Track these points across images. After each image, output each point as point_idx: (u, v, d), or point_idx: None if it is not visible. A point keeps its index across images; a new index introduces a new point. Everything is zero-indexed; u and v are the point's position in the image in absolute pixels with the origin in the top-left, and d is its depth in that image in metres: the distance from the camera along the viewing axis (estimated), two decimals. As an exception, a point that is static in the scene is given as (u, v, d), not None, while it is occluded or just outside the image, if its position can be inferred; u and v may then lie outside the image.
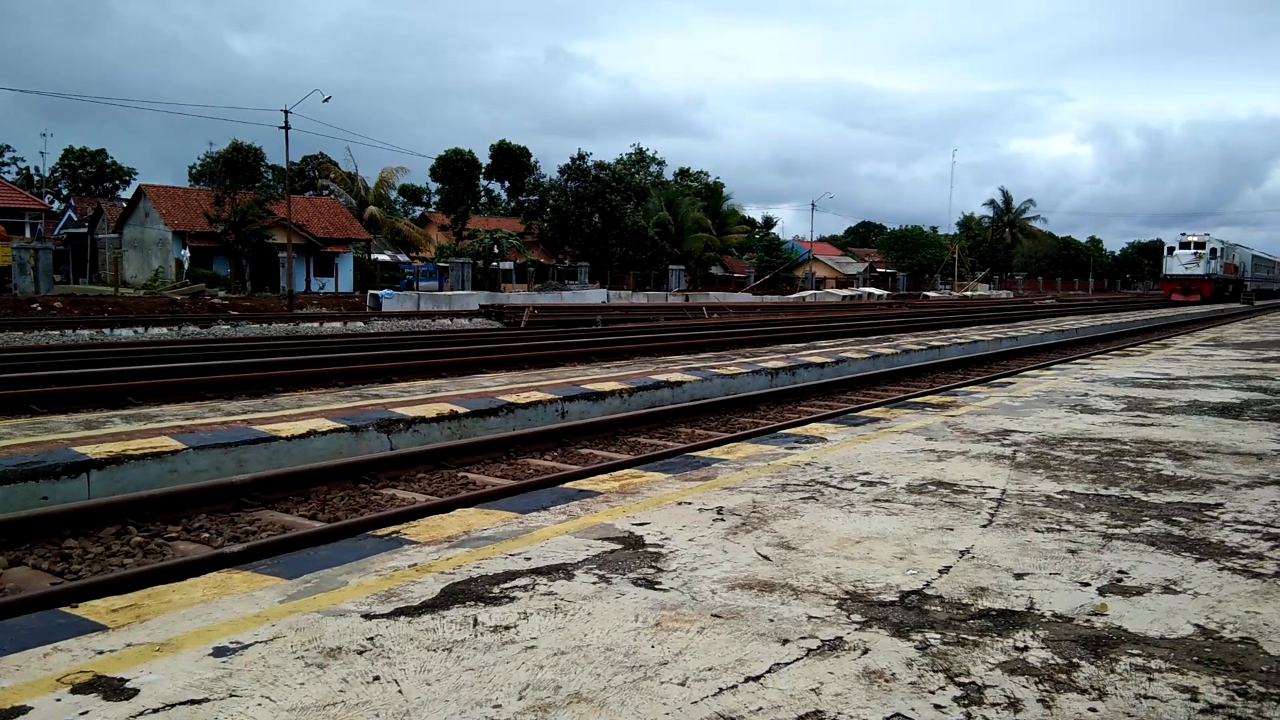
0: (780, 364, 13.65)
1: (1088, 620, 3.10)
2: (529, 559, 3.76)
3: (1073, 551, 3.89)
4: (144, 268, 49.72)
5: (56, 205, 67.47)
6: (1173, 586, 3.46)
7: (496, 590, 3.36)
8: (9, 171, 72.16)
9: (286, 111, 36.56)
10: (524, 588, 3.39)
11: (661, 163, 75.61)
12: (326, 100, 36.72)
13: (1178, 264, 57.29)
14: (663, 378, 11.59)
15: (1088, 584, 3.47)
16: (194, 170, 64.45)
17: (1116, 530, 4.24)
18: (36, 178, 74.27)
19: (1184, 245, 57.54)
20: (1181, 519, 4.46)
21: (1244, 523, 4.40)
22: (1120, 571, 3.63)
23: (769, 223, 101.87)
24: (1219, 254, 58.54)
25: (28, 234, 48.18)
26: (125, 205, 55.20)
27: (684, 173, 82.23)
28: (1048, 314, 39.56)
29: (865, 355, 15.60)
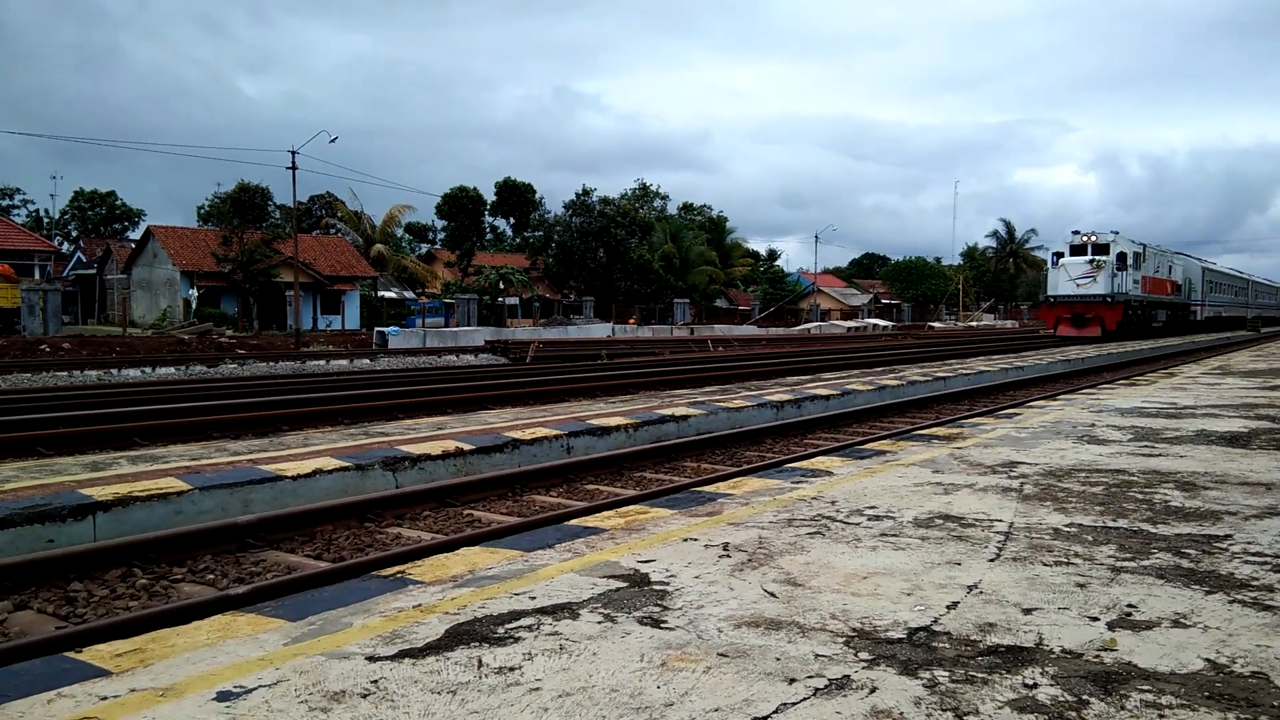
0: (786, 397, 13.64)
1: (1097, 656, 3.07)
2: (534, 598, 3.74)
3: (1081, 585, 3.86)
4: (152, 308, 50.02)
5: (66, 247, 68.06)
6: (1182, 620, 3.43)
7: (501, 630, 3.34)
8: (19, 214, 72.92)
9: (294, 152, 36.99)
10: (529, 628, 3.37)
11: (665, 197, 76.15)
12: (333, 140, 37.29)
13: (1064, 278, 38.31)
14: (668, 412, 11.58)
15: (1097, 619, 3.45)
16: (202, 210, 65.20)
17: (1125, 563, 4.21)
18: (46, 220, 74.98)
19: (1076, 249, 38.26)
20: (1190, 551, 4.43)
21: (1254, 554, 4.37)
22: (1129, 605, 3.60)
23: (773, 255, 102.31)
24: (1136, 262, 38.84)
25: (37, 276, 48.56)
26: (134, 246, 55.67)
27: (688, 207, 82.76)
28: (1052, 343, 39.53)
29: (871, 387, 15.58)
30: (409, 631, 3.35)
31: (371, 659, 3.08)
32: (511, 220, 64.40)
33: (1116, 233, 38.42)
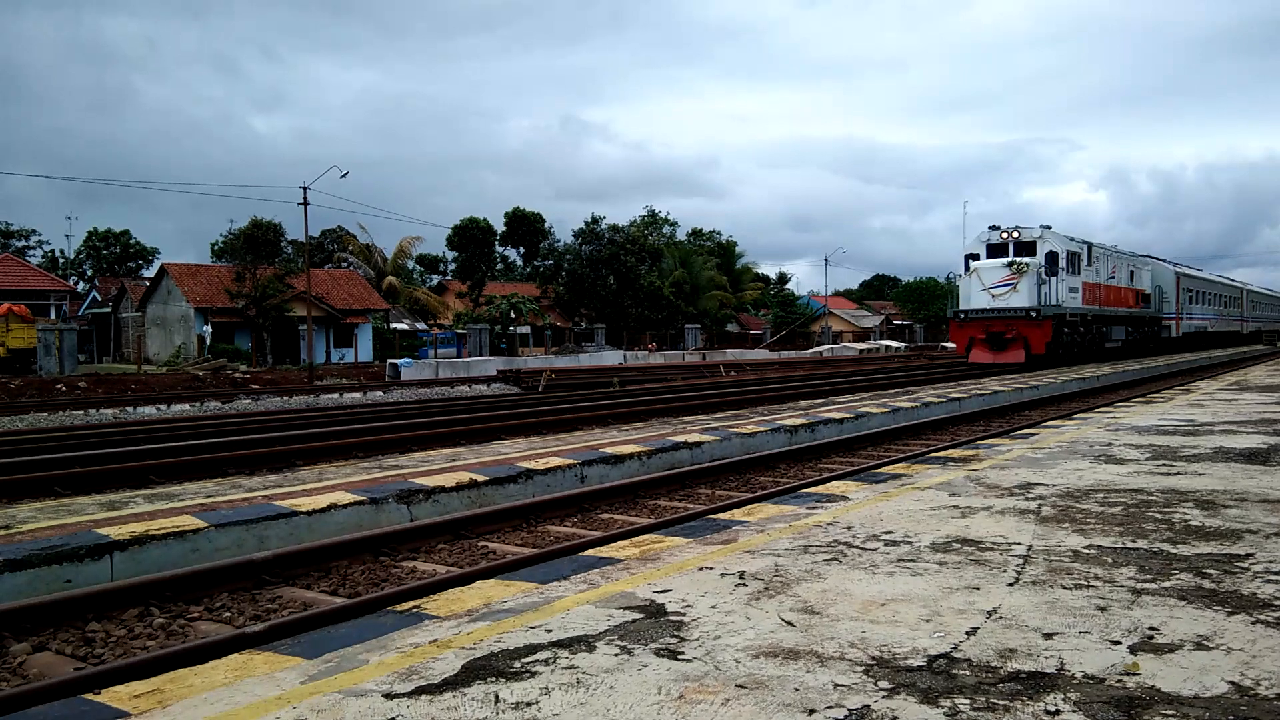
0: (799, 421, 13.60)
1: (1119, 680, 3.04)
2: (550, 631, 3.73)
3: (1102, 608, 3.83)
4: (167, 345, 50.35)
5: (81, 286, 68.69)
6: (1205, 643, 3.39)
7: (518, 665, 3.33)
8: (35, 255, 73.72)
9: (305, 188, 37.31)
10: (545, 661, 3.36)
11: (674, 223, 76.46)
12: (344, 175, 37.55)
13: (978, 287, 30.01)
14: (681, 439, 11.56)
15: (1118, 642, 3.41)
16: (215, 247, 65.74)
17: (1146, 585, 4.17)
18: (62, 260, 75.79)
19: (994, 249, 30.10)
20: (1212, 571, 4.39)
21: (1275, 573, 4.32)
22: (1151, 628, 3.56)
23: (783, 279, 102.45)
24: (1073, 265, 30.56)
25: (53, 315, 49.03)
26: (148, 284, 56.13)
27: (697, 232, 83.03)
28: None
29: (885, 409, 15.52)
30: (425, 668, 3.34)
31: (389, 696, 3.07)
32: (521, 250, 64.72)
33: (1048, 227, 29.98)
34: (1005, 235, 29.91)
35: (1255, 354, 43.51)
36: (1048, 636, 3.49)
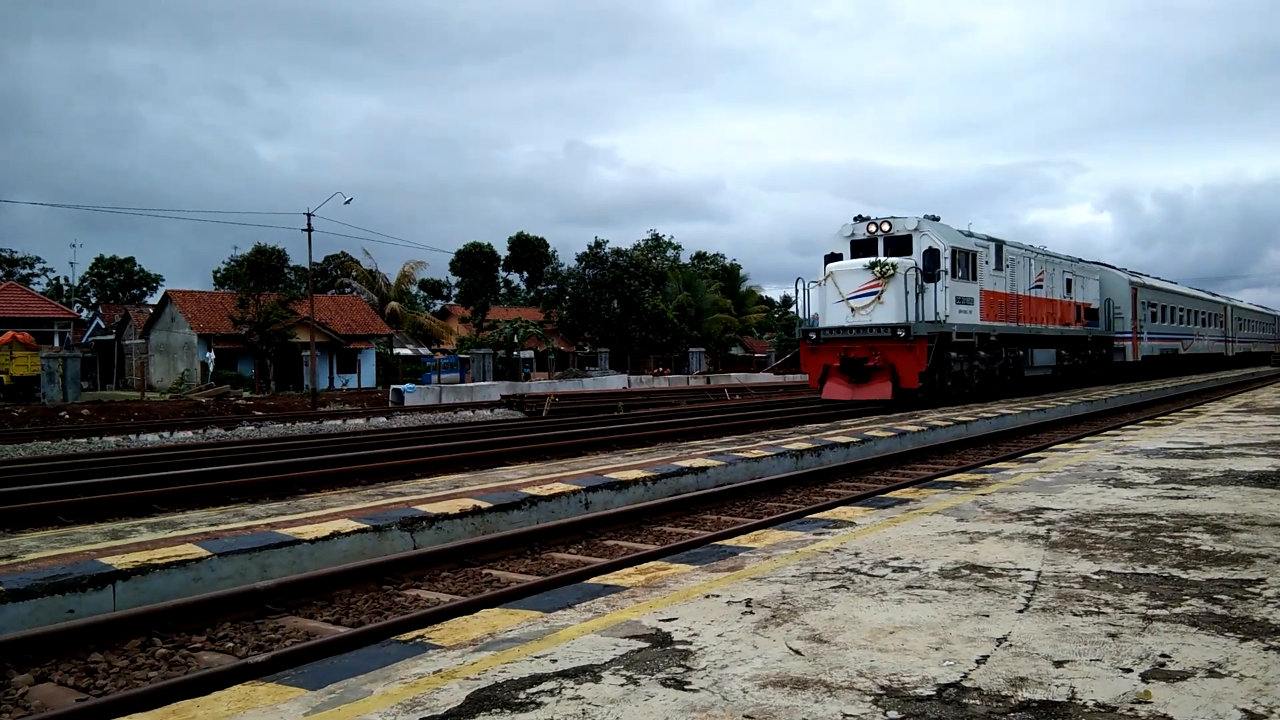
0: (805, 445, 13.56)
1: (1131, 709, 3.00)
2: (555, 660, 3.69)
3: (1113, 635, 3.78)
4: (170, 371, 50.43)
5: (85, 313, 68.92)
6: (1217, 670, 3.35)
7: (522, 696, 3.30)
8: (39, 282, 73.96)
9: (309, 214, 37.45)
10: (550, 692, 3.32)
11: (678, 247, 76.64)
12: (348, 202, 37.70)
13: (834, 297, 22.29)
14: (686, 464, 11.52)
15: (1130, 670, 3.37)
16: (219, 274, 65.97)
17: (1157, 611, 4.13)
18: (66, 287, 76.04)
19: (858, 247, 22.85)
20: (1223, 597, 4.34)
21: (1289, 598, 4.27)
22: (1163, 655, 3.52)
23: (788, 301, 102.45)
24: (971, 268, 23.22)
25: (57, 343, 49.15)
26: (152, 311, 56.31)
27: (701, 256, 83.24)
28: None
29: (891, 433, 15.48)
30: (429, 699, 3.31)
31: (392, 729, 3.03)
32: (525, 274, 64.91)
33: (935, 218, 22.63)
34: (873, 228, 22.41)
35: (1244, 379, 39.59)
36: (1059, 664, 3.45)
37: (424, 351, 62.54)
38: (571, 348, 63.42)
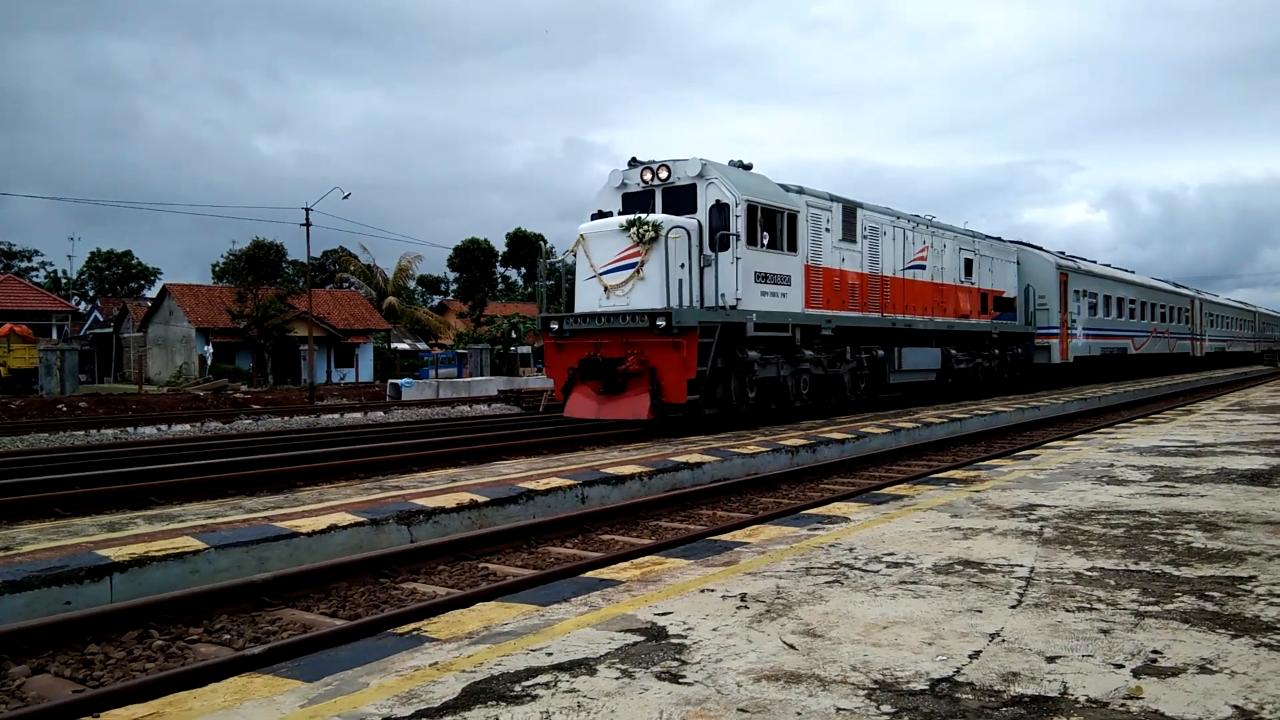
0: (800, 441, 13.58)
1: (1123, 704, 3.02)
2: (550, 654, 3.71)
3: (1105, 631, 3.81)
4: (168, 365, 50.41)
5: (83, 306, 68.83)
6: (1209, 666, 3.38)
7: (518, 688, 3.32)
8: (37, 275, 73.90)
9: (308, 209, 37.41)
10: (546, 685, 3.34)
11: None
12: (347, 197, 37.61)
13: (585, 272, 15.83)
14: (682, 459, 11.54)
15: (1121, 665, 3.40)
16: (217, 268, 65.92)
17: (1149, 607, 4.15)
18: (64, 280, 75.96)
19: (631, 200, 16.44)
20: (1214, 593, 4.37)
21: (1278, 596, 4.30)
22: (1154, 651, 3.55)
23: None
24: (790, 232, 16.55)
25: (54, 336, 49.09)
26: (150, 304, 56.27)
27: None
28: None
29: (885, 430, 15.50)
30: (425, 691, 3.33)
31: (388, 720, 3.06)
32: (523, 270, 64.97)
33: (745, 164, 16.97)
34: (649, 175, 16.37)
35: (1220, 380, 35.45)
36: (1051, 660, 3.48)
37: (421, 346, 62.54)
38: (569, 343, 63.36)
